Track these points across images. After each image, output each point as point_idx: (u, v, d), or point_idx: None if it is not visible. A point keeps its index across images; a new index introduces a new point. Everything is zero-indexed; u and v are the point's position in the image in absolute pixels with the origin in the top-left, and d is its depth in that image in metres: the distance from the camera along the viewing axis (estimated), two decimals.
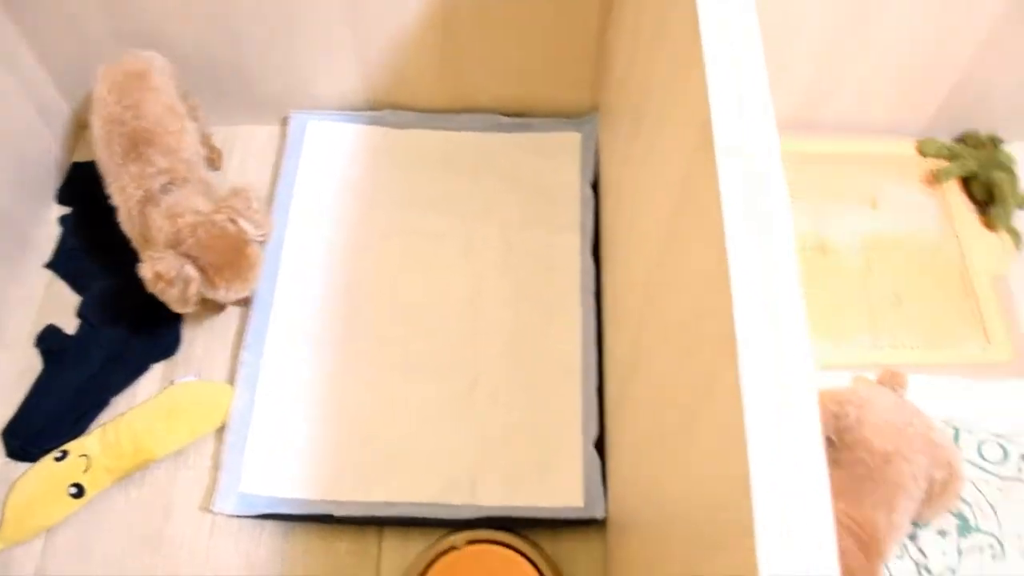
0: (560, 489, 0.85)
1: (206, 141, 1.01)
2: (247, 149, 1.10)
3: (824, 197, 1.07)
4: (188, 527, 0.84)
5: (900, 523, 0.77)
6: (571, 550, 0.83)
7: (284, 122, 1.11)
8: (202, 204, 0.84)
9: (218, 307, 0.96)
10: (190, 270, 0.80)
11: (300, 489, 0.85)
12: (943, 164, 1.08)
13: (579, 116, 1.11)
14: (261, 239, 0.86)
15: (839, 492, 0.78)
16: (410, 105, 1.10)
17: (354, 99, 1.10)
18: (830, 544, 0.33)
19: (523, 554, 0.79)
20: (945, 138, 1.11)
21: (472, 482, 0.86)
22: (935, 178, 1.07)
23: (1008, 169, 1.05)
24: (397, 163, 1.08)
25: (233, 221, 0.83)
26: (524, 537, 0.81)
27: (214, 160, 1.05)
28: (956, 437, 0.92)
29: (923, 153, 1.10)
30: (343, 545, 0.84)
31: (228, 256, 0.82)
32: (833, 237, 1.04)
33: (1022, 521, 0.87)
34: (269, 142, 1.10)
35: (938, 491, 0.80)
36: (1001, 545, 0.86)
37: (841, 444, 0.79)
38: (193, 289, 0.81)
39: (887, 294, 1.00)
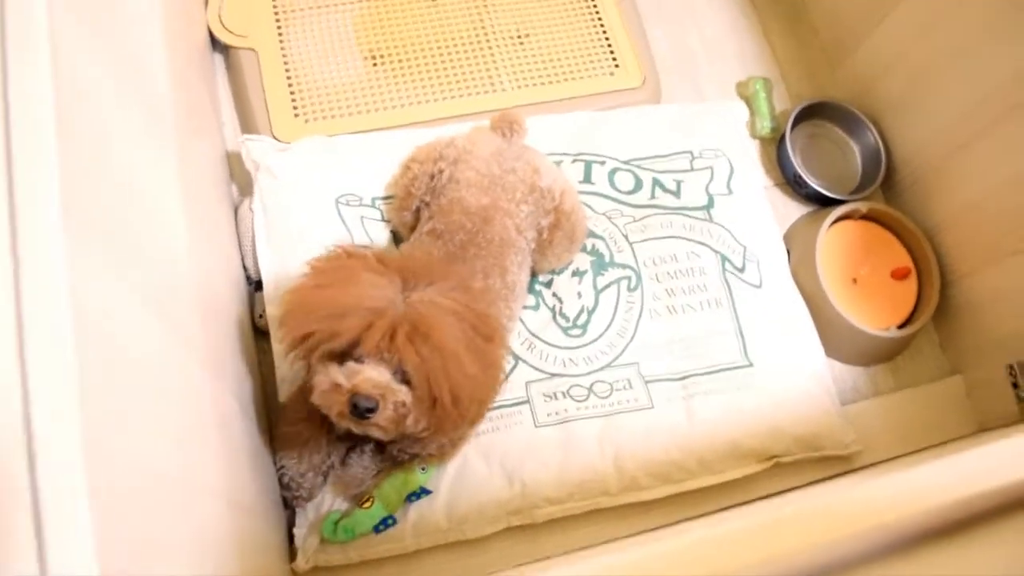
0: None
1: None
2: None
3: None
4: None
5: (515, 282, 0.71)
6: None
7: None
8: None
9: None
10: None
11: None
12: None
13: None
14: None
15: (448, 265, 0.71)
16: None
17: None
18: None
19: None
20: None
21: None
22: None
23: None
24: None
25: None
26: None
27: None
28: (588, 174, 0.87)
29: None
30: None
31: None
32: None
33: (654, 248, 0.85)
34: None
35: (548, 238, 0.75)
36: (637, 274, 0.84)
37: (439, 209, 0.71)
38: None
39: (509, 32, 0.90)
